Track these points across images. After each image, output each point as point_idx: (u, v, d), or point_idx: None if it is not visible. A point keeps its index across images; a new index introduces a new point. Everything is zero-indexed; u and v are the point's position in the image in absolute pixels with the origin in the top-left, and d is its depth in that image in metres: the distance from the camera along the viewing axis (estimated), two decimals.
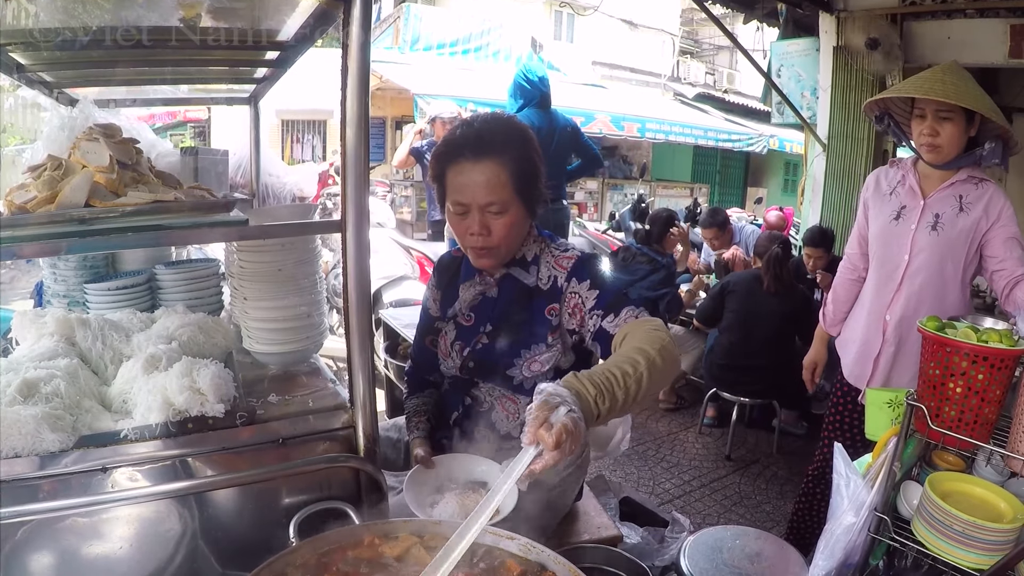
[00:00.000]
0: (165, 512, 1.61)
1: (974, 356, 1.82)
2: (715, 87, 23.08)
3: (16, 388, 1.66)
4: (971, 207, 2.69)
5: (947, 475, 1.90)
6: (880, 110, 2.91)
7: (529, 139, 2.04)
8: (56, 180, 1.66)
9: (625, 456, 4.92)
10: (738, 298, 5.17)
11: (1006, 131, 2.64)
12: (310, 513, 1.56)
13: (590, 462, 2.20)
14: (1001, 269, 2.64)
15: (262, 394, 1.87)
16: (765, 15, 7.05)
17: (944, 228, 2.72)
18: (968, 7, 4.96)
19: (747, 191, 20.73)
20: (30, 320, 2.15)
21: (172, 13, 1.87)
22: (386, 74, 12.43)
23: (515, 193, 1.95)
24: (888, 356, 2.88)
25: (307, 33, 2.10)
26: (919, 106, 2.69)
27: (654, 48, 22.03)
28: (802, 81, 6.66)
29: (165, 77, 2.95)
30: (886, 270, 2.89)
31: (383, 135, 16.33)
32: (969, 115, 2.61)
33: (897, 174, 2.92)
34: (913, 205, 2.80)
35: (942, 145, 2.65)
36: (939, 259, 2.73)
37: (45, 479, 1.52)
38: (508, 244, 2.01)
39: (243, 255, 2.13)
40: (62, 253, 2.40)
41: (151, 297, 2.61)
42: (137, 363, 1.86)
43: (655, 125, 14.55)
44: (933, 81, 2.67)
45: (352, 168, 1.56)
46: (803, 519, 3.30)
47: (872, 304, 2.96)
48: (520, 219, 2.00)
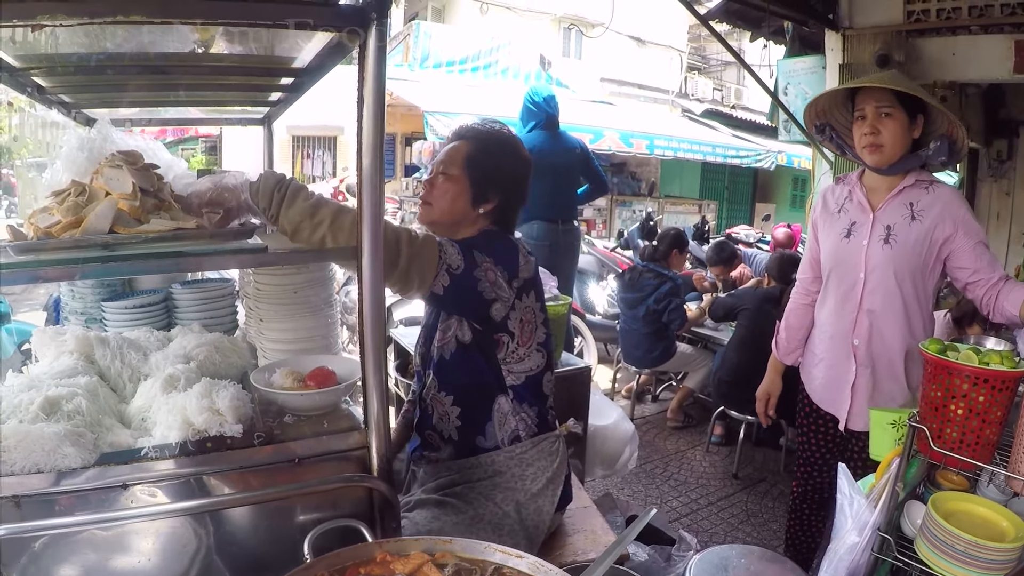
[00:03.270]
0: (182, 528, 1.64)
1: (975, 378, 1.83)
2: (723, 103, 23.10)
3: (39, 405, 1.69)
4: (923, 214, 2.61)
5: (950, 495, 1.92)
6: (820, 121, 2.86)
7: (503, 141, 2.26)
8: (80, 206, 1.71)
9: (632, 474, 4.94)
10: (749, 316, 5.19)
11: (953, 127, 2.58)
12: (324, 530, 1.59)
13: (564, 478, 2.25)
14: (976, 280, 2.55)
15: (278, 414, 1.90)
16: (772, 33, 7.07)
17: (897, 239, 2.63)
18: (972, 23, 4.98)
19: (755, 207, 20.72)
20: (50, 337, 2.19)
21: (189, 37, 1.92)
22: (396, 91, 12.49)
23: (464, 170, 2.16)
24: (866, 379, 2.79)
25: (322, 62, 2.15)
26: (859, 107, 2.63)
27: (662, 64, 22.07)
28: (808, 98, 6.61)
29: (180, 99, 3.00)
30: (842, 290, 2.81)
31: (393, 151, 16.41)
32: (911, 114, 2.57)
33: (844, 190, 2.85)
34: (863, 220, 2.73)
35: (884, 144, 2.58)
36: (896, 273, 2.64)
37: (66, 494, 1.56)
38: (440, 207, 2.18)
39: (259, 277, 2.18)
40: (87, 277, 2.47)
41: (167, 316, 2.65)
42: (156, 382, 1.90)
43: (663, 142, 14.55)
44: (871, 76, 2.70)
45: (368, 195, 1.59)
46: (796, 536, 3.29)
47: (834, 328, 2.87)
48: (457, 193, 2.16)
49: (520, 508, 2.12)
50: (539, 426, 2.19)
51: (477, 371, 2.13)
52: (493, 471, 2.14)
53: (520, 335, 2.13)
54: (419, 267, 1.87)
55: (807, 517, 3.22)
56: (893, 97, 2.54)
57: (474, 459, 2.16)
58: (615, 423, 3.86)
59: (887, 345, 2.72)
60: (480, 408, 2.15)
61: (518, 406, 2.15)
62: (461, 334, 2.12)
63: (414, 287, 1.92)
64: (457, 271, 1.93)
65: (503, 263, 2.05)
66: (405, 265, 1.85)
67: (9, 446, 1.55)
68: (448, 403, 2.16)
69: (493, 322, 2.07)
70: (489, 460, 2.15)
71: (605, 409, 3.94)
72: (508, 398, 2.15)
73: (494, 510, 2.09)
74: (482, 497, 2.10)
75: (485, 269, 1.99)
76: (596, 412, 3.76)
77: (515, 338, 2.12)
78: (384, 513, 1.76)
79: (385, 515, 1.76)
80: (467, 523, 2.04)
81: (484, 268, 1.99)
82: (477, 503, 2.09)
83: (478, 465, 2.15)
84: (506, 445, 2.15)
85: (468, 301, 2.02)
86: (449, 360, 2.15)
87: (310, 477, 1.72)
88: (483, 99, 13.31)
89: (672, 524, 4.24)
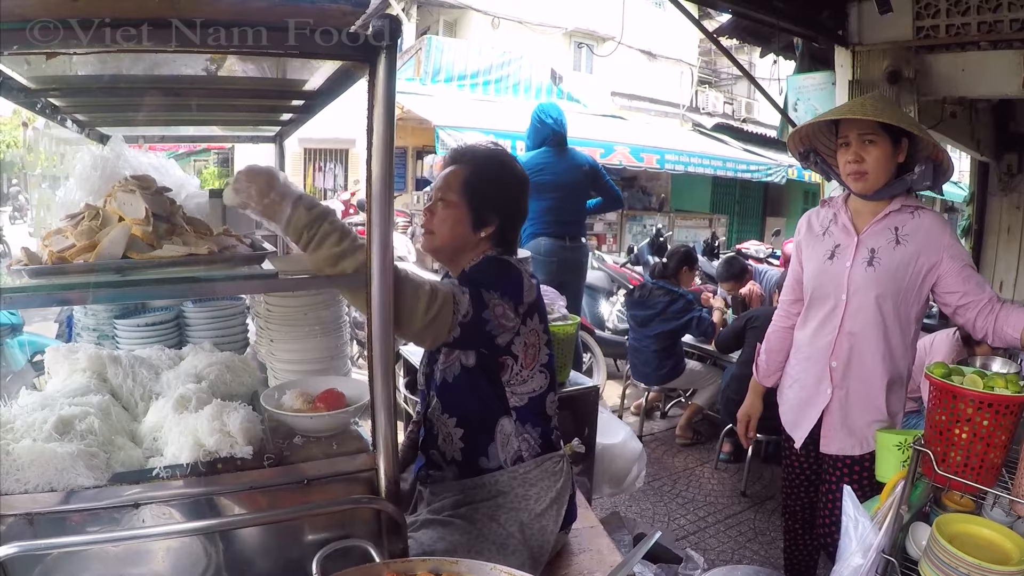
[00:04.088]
0: (192, 546, 1.66)
1: (979, 403, 1.85)
2: (734, 116, 23.08)
3: (52, 425, 1.71)
4: (908, 239, 2.60)
5: (955, 517, 1.93)
6: (804, 147, 2.87)
7: (498, 162, 2.26)
8: (94, 230, 1.74)
9: (640, 492, 4.92)
10: (758, 334, 5.15)
11: (937, 152, 2.57)
12: (332, 550, 1.61)
13: (568, 498, 2.26)
14: (966, 303, 2.54)
15: (287, 435, 1.93)
16: (781, 48, 7.08)
17: (881, 262, 2.62)
18: (981, 39, 4.98)
19: (766, 221, 20.71)
20: (63, 355, 2.21)
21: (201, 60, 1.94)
22: (407, 105, 12.56)
23: (462, 195, 2.16)
24: (840, 400, 2.77)
25: (333, 85, 2.17)
26: (843, 134, 2.64)
27: (673, 78, 22.09)
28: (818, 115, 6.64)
29: (193, 118, 3.04)
30: (824, 312, 2.80)
31: (404, 164, 16.51)
32: (895, 139, 2.56)
33: (828, 213, 2.85)
34: (847, 243, 2.72)
35: (868, 172, 2.59)
36: (878, 296, 2.63)
37: (78, 512, 1.58)
38: (441, 234, 2.19)
39: (270, 298, 2.21)
40: (99, 302, 2.50)
41: (179, 334, 2.68)
42: (168, 403, 1.92)
43: (674, 156, 14.58)
44: (852, 104, 2.69)
45: (378, 224, 1.61)
46: (793, 555, 3.27)
47: (811, 349, 2.87)
48: (457, 219, 2.17)
49: (524, 528, 2.13)
50: (542, 446, 2.20)
51: (481, 394, 2.14)
52: (496, 491, 2.15)
53: (524, 357, 2.14)
54: (434, 330, 1.89)
55: (800, 537, 3.22)
56: (876, 124, 2.54)
57: (478, 479, 2.17)
58: (623, 441, 3.87)
59: (866, 368, 2.71)
60: (483, 429, 2.16)
61: (521, 427, 2.16)
62: (465, 358, 2.14)
63: (427, 344, 2.02)
64: (467, 319, 1.94)
65: (509, 293, 2.06)
66: (420, 328, 1.86)
67: (23, 465, 1.58)
68: (451, 424, 2.18)
69: (498, 347, 2.08)
70: (492, 480, 2.16)
71: (613, 427, 3.95)
72: (511, 419, 2.16)
73: (498, 530, 2.10)
74: (486, 517, 2.11)
75: (493, 306, 2.00)
76: (604, 430, 3.77)
77: (519, 360, 2.13)
78: (391, 534, 1.77)
79: (392, 536, 1.77)
80: (472, 543, 2.05)
81: (492, 306, 2.00)
82: (481, 523, 2.10)
83: (482, 485, 2.16)
84: (509, 465, 2.16)
85: (476, 340, 2.04)
86: (452, 383, 2.16)
87: (319, 498, 1.74)
88: (494, 114, 13.37)
89: (679, 542, 4.23)
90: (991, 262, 7.70)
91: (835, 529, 2.76)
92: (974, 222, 7.88)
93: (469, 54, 16.02)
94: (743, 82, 24.16)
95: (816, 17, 5.66)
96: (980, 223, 7.84)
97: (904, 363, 2.71)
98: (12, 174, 14.69)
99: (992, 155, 7.21)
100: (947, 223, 2.70)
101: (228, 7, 1.41)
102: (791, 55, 7.10)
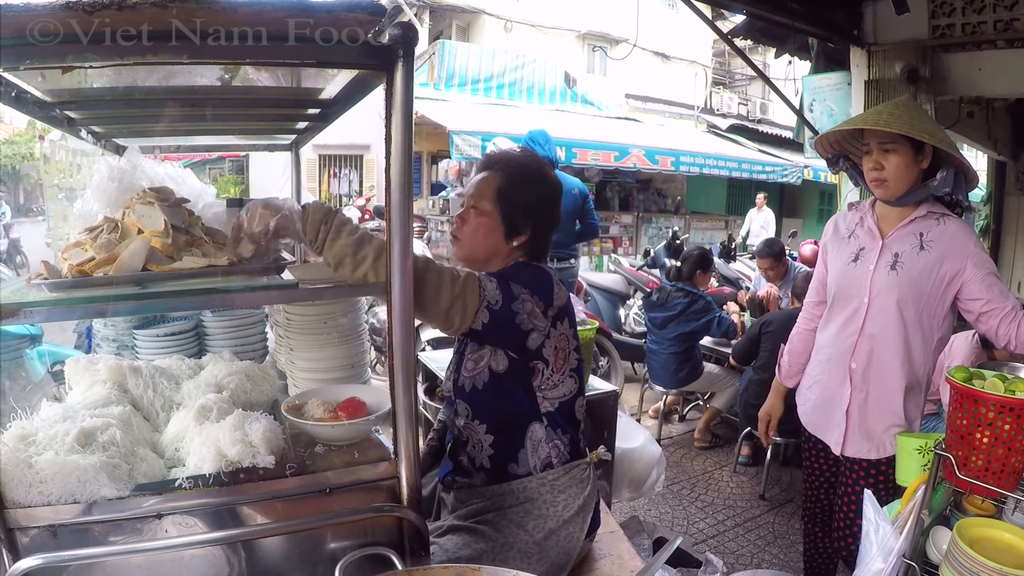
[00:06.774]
0: (215, 555, 1.66)
1: (1000, 407, 1.83)
2: (748, 117, 22.99)
3: (74, 437, 1.72)
4: (932, 245, 2.59)
5: (975, 521, 1.91)
6: (834, 152, 2.86)
7: (532, 170, 2.23)
8: (113, 243, 1.75)
9: (659, 496, 4.93)
10: (775, 338, 5.15)
11: (958, 160, 2.55)
12: (355, 558, 1.62)
13: (594, 505, 2.25)
14: (989, 309, 2.52)
15: (309, 444, 1.93)
16: (796, 49, 7.06)
17: (904, 267, 2.62)
18: (998, 38, 4.94)
19: (782, 222, 20.63)
20: (83, 367, 2.23)
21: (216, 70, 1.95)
22: (421, 110, 12.61)
23: (495, 204, 2.13)
24: (859, 403, 2.76)
25: (349, 94, 2.17)
26: (865, 141, 2.64)
27: (687, 80, 22.05)
28: (834, 116, 6.62)
29: (209, 128, 3.05)
30: (845, 314, 2.80)
31: (419, 169, 16.51)
32: (917, 146, 2.54)
33: (855, 216, 2.86)
34: (872, 246, 2.73)
35: (888, 179, 2.58)
36: (899, 300, 2.62)
37: (100, 523, 1.60)
38: (473, 243, 2.17)
39: (289, 308, 2.22)
40: (120, 314, 2.52)
41: (198, 343, 2.69)
42: (189, 413, 1.93)
43: (689, 158, 14.57)
44: (869, 114, 2.68)
45: (398, 232, 1.61)
46: (812, 559, 3.27)
47: (832, 350, 2.87)
48: (490, 228, 2.15)
49: (551, 535, 2.12)
50: (571, 453, 2.19)
51: (512, 399, 2.12)
52: (525, 498, 2.14)
53: (554, 362, 2.13)
54: (461, 308, 1.88)
55: (820, 540, 3.22)
56: (894, 132, 2.52)
57: (506, 485, 2.15)
58: (642, 446, 3.85)
59: (884, 370, 2.70)
60: (514, 435, 2.15)
61: (552, 432, 2.15)
62: (495, 364, 2.11)
63: (455, 326, 1.93)
64: (496, 306, 1.94)
65: (539, 293, 2.05)
66: (447, 306, 1.86)
67: (46, 477, 1.58)
68: (481, 431, 2.16)
69: (529, 351, 2.07)
70: (521, 487, 2.14)
71: (632, 432, 3.94)
72: (543, 425, 2.14)
73: (525, 538, 2.09)
74: (513, 524, 2.10)
75: (523, 300, 2.00)
76: (623, 435, 3.76)
77: (549, 365, 2.12)
78: (413, 541, 1.77)
79: (414, 543, 1.78)
80: (497, 550, 2.04)
81: (522, 300, 2.00)
82: (508, 530, 2.09)
83: (510, 492, 2.15)
84: (538, 472, 2.14)
85: (506, 333, 2.02)
86: (482, 390, 2.14)
87: (340, 506, 1.75)
88: (508, 118, 13.40)
89: (698, 546, 4.22)
90: (1008, 262, 7.66)
91: (850, 533, 2.75)
92: (991, 222, 7.83)
93: (482, 58, 16.06)
94: (757, 83, 24.11)
95: (831, 17, 5.64)
96: (997, 223, 7.80)
97: (924, 369, 2.69)
98: (28, 185, 14.84)
99: (1009, 154, 7.17)
100: (972, 230, 2.68)
101: (245, 19, 1.41)
102: (806, 55, 7.08)
